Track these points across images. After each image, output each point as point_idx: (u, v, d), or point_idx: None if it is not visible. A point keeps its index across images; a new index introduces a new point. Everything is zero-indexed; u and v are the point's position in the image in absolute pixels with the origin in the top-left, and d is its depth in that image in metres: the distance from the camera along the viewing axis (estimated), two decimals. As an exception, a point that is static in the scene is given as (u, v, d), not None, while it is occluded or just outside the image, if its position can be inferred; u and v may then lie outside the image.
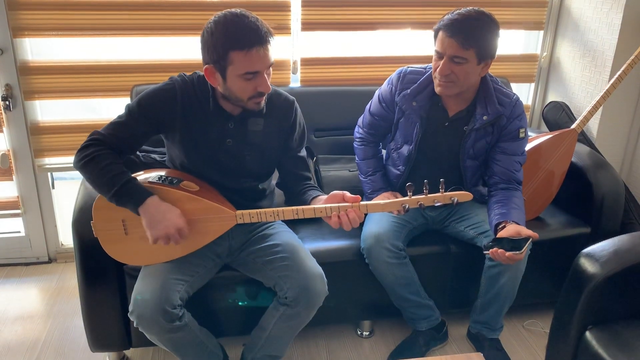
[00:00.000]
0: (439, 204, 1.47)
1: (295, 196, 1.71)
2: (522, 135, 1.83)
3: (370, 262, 1.85)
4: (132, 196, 1.48)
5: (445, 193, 1.47)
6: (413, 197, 1.47)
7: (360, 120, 2.06)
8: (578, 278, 1.50)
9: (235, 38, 1.43)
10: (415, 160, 1.89)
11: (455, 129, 1.84)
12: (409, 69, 1.88)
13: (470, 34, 1.63)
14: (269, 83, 1.51)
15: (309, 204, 1.61)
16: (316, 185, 1.74)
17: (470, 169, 1.89)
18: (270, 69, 1.52)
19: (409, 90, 1.83)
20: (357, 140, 2.05)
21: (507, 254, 1.57)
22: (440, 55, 1.69)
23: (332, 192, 1.52)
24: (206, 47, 1.48)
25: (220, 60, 1.46)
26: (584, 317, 1.49)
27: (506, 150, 1.83)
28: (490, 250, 1.60)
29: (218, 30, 1.44)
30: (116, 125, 1.57)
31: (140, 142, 1.63)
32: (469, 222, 1.92)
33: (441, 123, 1.85)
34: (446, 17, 1.68)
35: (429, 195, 1.47)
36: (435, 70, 1.73)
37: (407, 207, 1.47)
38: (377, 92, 1.98)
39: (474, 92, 1.80)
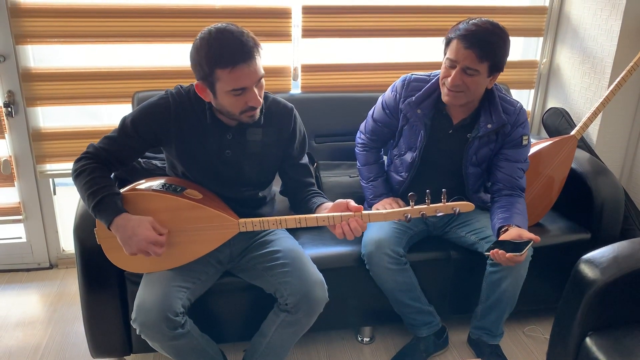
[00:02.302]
0: (440, 214, 1.47)
1: (300, 203, 1.71)
2: (525, 142, 1.84)
3: (371, 268, 1.85)
4: (102, 215, 1.48)
5: (447, 203, 1.47)
6: (415, 207, 1.48)
7: (362, 126, 2.07)
8: (578, 284, 1.51)
9: (219, 56, 1.41)
10: (418, 166, 1.90)
11: (459, 136, 1.84)
12: (413, 76, 1.87)
13: (488, 47, 1.63)
14: (259, 97, 1.49)
15: (313, 211, 1.61)
16: (320, 191, 1.74)
17: (473, 175, 1.89)
18: (262, 80, 1.50)
19: (413, 98, 1.83)
20: (359, 145, 2.06)
21: (508, 255, 1.58)
22: (453, 65, 1.68)
23: (337, 201, 1.52)
24: (193, 64, 1.48)
25: (208, 77, 1.46)
26: (585, 323, 1.49)
27: (509, 157, 1.84)
28: (491, 251, 1.60)
29: (203, 48, 1.43)
30: (109, 140, 1.58)
31: (133, 156, 1.64)
32: (470, 228, 1.93)
33: (445, 130, 1.85)
34: (461, 26, 1.66)
35: (431, 205, 1.47)
36: (444, 78, 1.72)
37: (409, 216, 1.47)
38: (380, 99, 1.98)
39: (478, 100, 1.80)
